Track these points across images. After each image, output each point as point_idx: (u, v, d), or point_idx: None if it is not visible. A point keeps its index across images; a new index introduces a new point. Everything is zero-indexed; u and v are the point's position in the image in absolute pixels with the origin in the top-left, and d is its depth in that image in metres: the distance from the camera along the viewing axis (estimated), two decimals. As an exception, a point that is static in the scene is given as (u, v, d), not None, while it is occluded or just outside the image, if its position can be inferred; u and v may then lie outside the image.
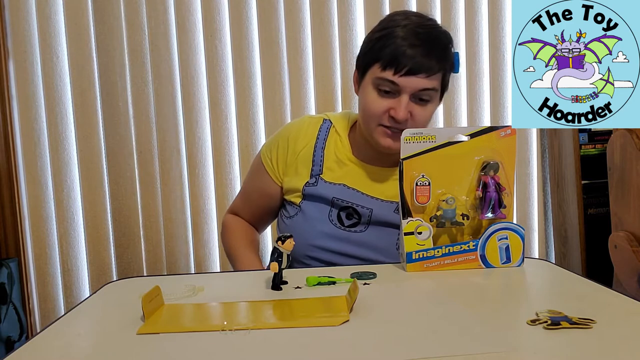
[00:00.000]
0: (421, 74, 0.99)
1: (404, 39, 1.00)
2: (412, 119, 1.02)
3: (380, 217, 1.08)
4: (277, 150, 1.16)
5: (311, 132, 1.15)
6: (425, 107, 1.03)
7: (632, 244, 1.47)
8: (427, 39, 1.01)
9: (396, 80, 0.99)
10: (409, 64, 0.98)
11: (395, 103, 1.01)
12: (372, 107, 1.04)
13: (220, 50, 1.77)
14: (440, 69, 1.02)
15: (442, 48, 1.03)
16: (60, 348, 0.63)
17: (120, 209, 1.79)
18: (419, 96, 1.01)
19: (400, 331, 0.63)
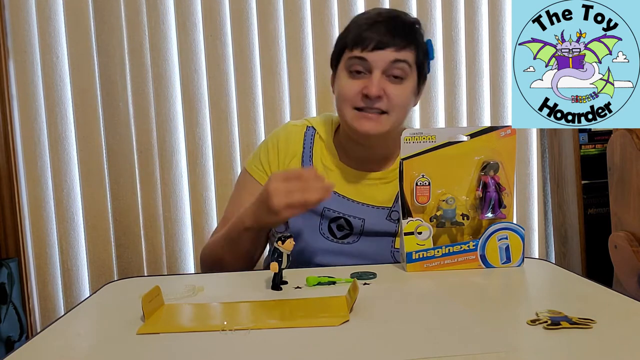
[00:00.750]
0: (389, 47, 0.99)
1: (367, 21, 1.02)
2: (387, 97, 1.00)
3: (372, 226, 1.07)
4: (267, 156, 1.13)
5: (298, 140, 1.13)
6: (400, 86, 1.01)
7: (632, 244, 1.47)
8: (390, 17, 1.03)
9: (365, 55, 0.99)
10: (375, 38, 0.99)
11: (368, 81, 1.00)
12: (345, 90, 1.02)
13: (220, 50, 1.77)
14: (408, 44, 1.00)
15: (408, 25, 1.03)
16: (60, 348, 0.63)
17: (120, 208, 1.79)
18: (391, 72, 1.00)
19: (400, 331, 0.63)
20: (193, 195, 1.80)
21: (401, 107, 1.02)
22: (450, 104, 1.86)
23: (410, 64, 1.01)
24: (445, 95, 1.86)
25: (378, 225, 1.06)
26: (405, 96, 1.03)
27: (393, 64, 0.99)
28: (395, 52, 0.99)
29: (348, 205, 1.07)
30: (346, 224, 1.07)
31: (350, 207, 1.07)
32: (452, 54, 1.84)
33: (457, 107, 1.87)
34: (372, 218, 1.06)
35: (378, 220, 1.06)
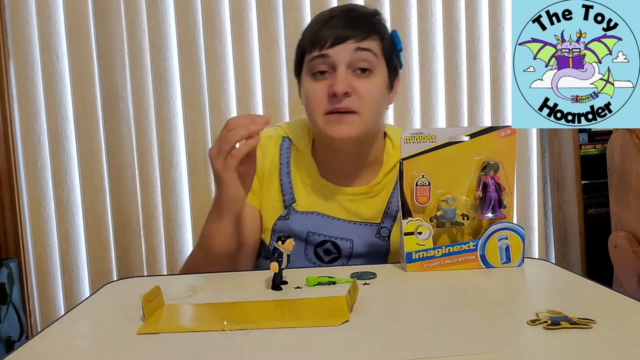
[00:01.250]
0: (349, 39, 0.92)
1: (321, 19, 0.96)
2: (356, 94, 0.93)
3: (362, 247, 1.00)
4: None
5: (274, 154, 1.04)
6: (369, 79, 0.94)
7: (632, 244, 1.47)
8: (345, 10, 0.97)
9: (325, 52, 0.92)
10: (332, 34, 0.92)
11: (333, 80, 0.92)
12: (310, 94, 0.95)
13: (220, 50, 1.77)
14: (369, 34, 0.94)
15: (366, 16, 0.96)
16: (60, 348, 0.63)
17: (120, 208, 1.79)
18: (357, 65, 0.93)
19: (400, 331, 0.63)
20: (193, 195, 1.80)
21: (372, 104, 0.95)
22: (451, 104, 1.86)
23: (375, 53, 0.94)
24: (445, 95, 1.86)
25: (368, 246, 1.00)
26: (376, 91, 0.95)
27: (357, 54, 0.92)
28: (356, 42, 0.92)
29: (333, 225, 1.00)
30: (333, 247, 1.00)
31: (336, 227, 1.00)
32: (452, 54, 1.84)
33: (457, 107, 1.87)
34: (361, 237, 1.00)
35: (367, 239, 1.00)
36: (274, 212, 1.02)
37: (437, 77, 1.86)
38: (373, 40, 0.95)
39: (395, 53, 1.00)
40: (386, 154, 1.05)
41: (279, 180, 1.02)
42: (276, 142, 1.05)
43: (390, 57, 0.99)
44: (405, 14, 1.81)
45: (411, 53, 1.83)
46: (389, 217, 1.02)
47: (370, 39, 0.94)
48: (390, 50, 0.99)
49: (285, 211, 1.01)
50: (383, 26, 0.98)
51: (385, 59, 0.97)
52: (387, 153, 1.05)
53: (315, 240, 1.00)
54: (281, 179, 1.02)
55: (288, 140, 1.05)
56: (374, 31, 0.95)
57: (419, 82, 1.85)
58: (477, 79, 1.87)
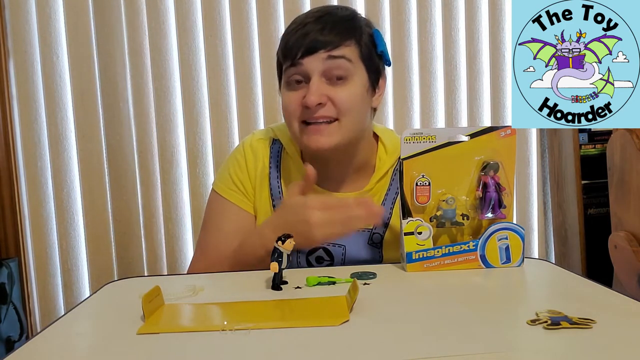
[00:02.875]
0: (323, 48, 0.89)
1: (295, 26, 0.92)
2: (332, 102, 0.90)
3: (354, 254, 0.98)
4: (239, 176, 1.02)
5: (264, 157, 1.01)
6: (345, 87, 0.91)
7: (632, 244, 1.47)
8: (320, 15, 0.92)
9: (297, 62, 0.89)
10: (304, 42, 0.89)
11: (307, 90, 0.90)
12: (285, 104, 0.93)
13: (220, 50, 1.77)
14: (343, 40, 0.90)
15: (339, 21, 0.92)
16: (60, 348, 0.64)
17: (120, 209, 1.79)
18: (331, 74, 0.90)
19: (400, 331, 0.63)
20: (193, 195, 1.80)
21: (351, 110, 0.92)
22: (450, 104, 1.86)
23: (349, 58, 0.91)
24: (445, 95, 1.86)
25: (360, 253, 0.98)
26: (354, 97, 0.92)
27: (329, 62, 0.89)
28: (328, 52, 0.89)
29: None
30: (326, 254, 0.98)
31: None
32: (452, 54, 1.84)
33: (457, 107, 1.87)
34: (353, 244, 0.98)
35: (359, 246, 0.98)
36: (265, 216, 1.00)
37: (437, 77, 1.86)
38: (347, 47, 0.91)
39: (376, 54, 0.96)
40: (378, 160, 1.03)
41: (269, 185, 1.01)
42: (266, 144, 1.03)
43: (369, 60, 0.95)
44: (405, 14, 1.82)
45: (411, 53, 1.83)
46: (381, 224, 1.00)
47: (343, 46, 0.91)
48: (369, 53, 0.95)
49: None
50: (359, 29, 0.94)
51: (363, 63, 0.94)
52: (379, 158, 1.03)
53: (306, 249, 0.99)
54: (270, 183, 1.01)
55: (279, 143, 1.03)
56: (348, 37, 0.92)
57: (418, 82, 1.85)
58: (477, 79, 1.87)
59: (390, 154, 1.02)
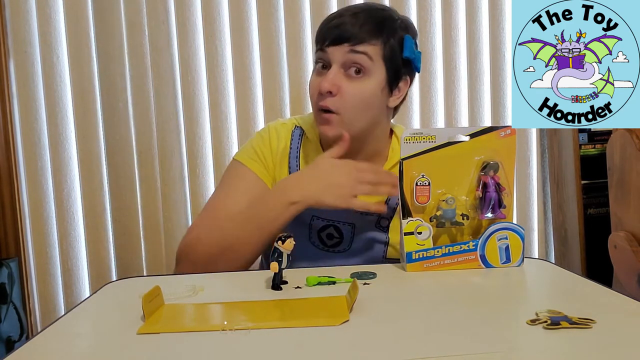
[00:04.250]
0: (348, 42, 0.94)
1: (334, 15, 0.99)
2: (340, 95, 0.95)
3: (362, 234, 1.02)
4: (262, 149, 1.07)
5: (285, 139, 1.07)
6: (359, 81, 0.96)
7: (632, 244, 1.47)
8: (356, 12, 0.97)
9: (323, 48, 0.96)
10: (334, 32, 0.95)
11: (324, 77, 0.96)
12: (310, 86, 1.00)
13: (220, 51, 1.77)
14: (371, 37, 0.95)
15: (375, 19, 0.96)
16: (60, 348, 0.64)
17: (120, 209, 1.79)
18: (350, 65, 0.95)
19: (400, 331, 0.63)
20: (193, 195, 1.80)
21: (355, 106, 0.96)
22: (450, 104, 1.86)
23: (371, 57, 0.95)
24: (445, 95, 1.86)
25: (368, 233, 1.03)
26: (364, 93, 0.96)
27: (350, 56, 0.94)
28: (351, 46, 0.94)
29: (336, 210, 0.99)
30: (336, 231, 1.03)
31: (339, 212, 0.99)
32: (452, 54, 1.84)
33: (457, 107, 1.87)
34: (362, 224, 1.02)
35: (367, 227, 1.03)
36: None
37: (436, 77, 1.86)
38: (371, 45, 0.96)
39: (401, 57, 0.99)
40: (391, 150, 1.08)
41: (288, 164, 1.06)
42: (289, 128, 1.09)
43: (391, 61, 0.98)
44: (405, 14, 1.81)
45: (411, 53, 1.83)
46: (389, 209, 1.03)
47: (368, 43, 0.95)
48: (393, 55, 0.98)
49: None
50: (391, 31, 0.97)
51: (384, 63, 0.98)
52: (392, 149, 1.08)
53: (318, 225, 1.03)
54: (290, 163, 1.06)
55: (300, 129, 1.09)
56: (377, 35, 0.95)
57: (418, 82, 1.85)
58: (477, 79, 1.87)
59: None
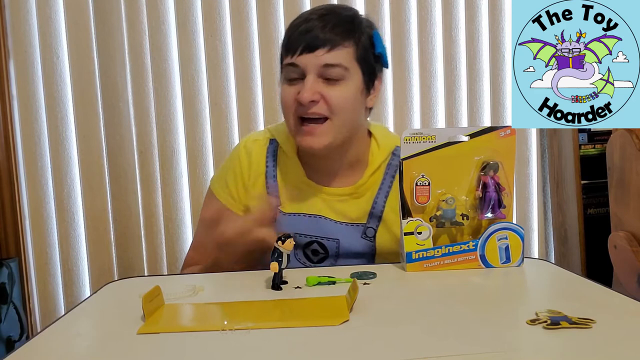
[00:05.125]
0: (319, 48, 0.91)
1: (298, 22, 0.95)
2: (325, 101, 0.92)
3: (347, 248, 1.00)
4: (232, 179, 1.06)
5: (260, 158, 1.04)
6: (338, 87, 0.93)
7: (632, 244, 1.47)
8: (323, 14, 0.95)
9: (294, 61, 0.92)
10: (302, 41, 0.92)
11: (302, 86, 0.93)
12: (283, 98, 0.96)
13: (220, 50, 1.77)
14: (342, 41, 0.92)
15: (344, 20, 0.94)
16: (60, 348, 0.64)
17: (120, 209, 1.79)
18: (326, 75, 0.92)
19: (400, 331, 0.63)
20: (193, 195, 1.80)
21: (343, 109, 0.94)
22: (450, 104, 1.86)
23: (345, 65, 0.93)
24: (445, 95, 1.86)
25: (354, 246, 1.00)
26: (347, 97, 0.94)
27: (325, 69, 0.92)
28: (326, 54, 0.91)
29: (320, 225, 1.00)
30: (320, 247, 1.00)
31: (323, 227, 1.00)
32: (452, 54, 1.84)
33: (457, 107, 1.87)
34: (347, 237, 1.00)
35: (353, 239, 1.00)
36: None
37: (437, 77, 1.86)
38: (344, 48, 0.93)
39: (373, 55, 0.98)
40: (371, 155, 1.04)
41: (265, 183, 1.03)
42: (263, 145, 1.06)
43: (365, 61, 0.97)
44: (405, 14, 1.82)
45: (411, 53, 1.83)
46: (374, 218, 1.02)
47: (341, 47, 0.93)
48: (366, 54, 0.97)
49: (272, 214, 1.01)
50: (359, 30, 0.96)
51: (359, 64, 0.96)
52: (371, 153, 1.05)
53: (302, 242, 1.01)
54: (267, 181, 1.03)
55: (275, 142, 1.06)
56: (347, 37, 0.93)
57: (418, 82, 1.85)
58: (477, 79, 1.87)
59: (382, 149, 1.04)
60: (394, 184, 1.02)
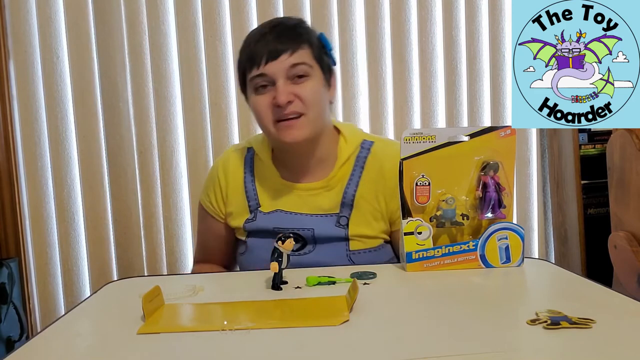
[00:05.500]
0: (282, 55, 1.00)
1: (254, 38, 1.04)
2: (299, 99, 1.01)
3: (323, 234, 1.07)
4: (213, 192, 1.17)
5: (237, 166, 1.15)
6: (307, 84, 1.02)
7: (632, 244, 1.47)
8: (273, 25, 1.05)
9: (263, 71, 1.00)
10: (264, 52, 1.00)
11: (275, 92, 1.01)
12: (257, 107, 1.04)
13: (220, 50, 1.77)
14: (299, 44, 1.02)
15: (291, 28, 1.04)
16: (60, 348, 0.64)
17: (120, 209, 1.79)
18: (294, 75, 1.01)
19: (400, 331, 0.63)
20: (193, 195, 1.80)
21: (315, 103, 1.03)
22: (450, 104, 1.86)
23: (308, 63, 1.02)
24: (445, 95, 1.86)
25: (328, 232, 1.07)
26: (316, 91, 1.03)
27: (292, 69, 1.01)
28: (289, 57, 1.00)
29: (296, 219, 1.08)
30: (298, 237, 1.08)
31: (299, 220, 1.08)
32: (452, 54, 1.84)
33: (457, 107, 1.86)
34: (321, 227, 1.07)
35: (327, 228, 1.07)
36: (241, 217, 1.12)
37: (437, 77, 1.86)
38: (303, 50, 1.02)
39: (326, 53, 1.08)
40: (339, 149, 1.12)
41: (244, 188, 1.13)
42: (241, 154, 1.17)
43: (322, 59, 1.06)
44: (405, 14, 1.82)
45: (411, 53, 1.84)
46: (346, 207, 1.08)
47: (301, 49, 1.02)
48: (320, 53, 1.06)
49: (252, 214, 1.11)
50: (309, 33, 1.06)
51: (318, 63, 1.05)
52: (340, 148, 1.12)
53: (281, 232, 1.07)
54: (246, 186, 1.13)
55: (252, 150, 1.16)
56: (302, 41, 1.03)
57: (419, 82, 1.85)
58: (477, 79, 1.87)
59: (350, 143, 1.11)
60: (363, 174, 1.09)
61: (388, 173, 1.05)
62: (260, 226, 1.09)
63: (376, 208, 1.07)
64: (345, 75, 1.81)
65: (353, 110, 1.82)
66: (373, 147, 1.11)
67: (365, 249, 1.06)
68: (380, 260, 1.06)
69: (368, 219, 1.07)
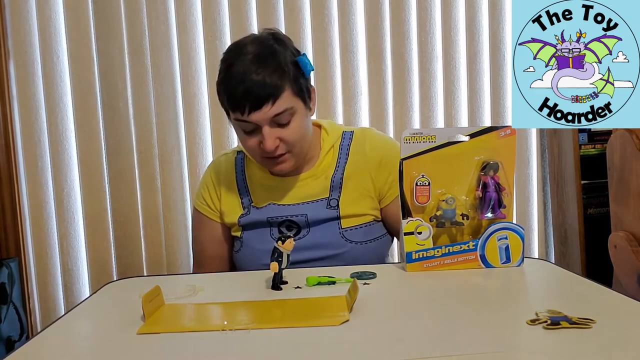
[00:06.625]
0: (264, 105, 0.99)
1: (235, 79, 1.00)
2: (284, 142, 1.04)
3: (316, 217, 1.12)
4: (208, 194, 1.20)
5: (229, 169, 1.20)
6: (291, 125, 1.04)
7: (632, 244, 1.47)
8: (252, 58, 1.01)
9: (247, 119, 1.01)
10: (247, 102, 0.99)
11: (261, 136, 1.03)
12: (246, 146, 1.09)
13: (220, 50, 1.77)
14: (280, 87, 1.00)
15: (275, 67, 1.01)
16: (60, 348, 0.64)
17: (120, 209, 1.79)
18: (277, 122, 1.02)
19: (400, 331, 0.63)
20: (193, 195, 1.80)
21: (300, 138, 1.06)
22: (450, 104, 1.86)
23: (290, 107, 1.02)
24: (445, 95, 1.86)
25: (321, 214, 1.12)
26: (300, 127, 1.06)
27: (275, 118, 1.02)
28: (273, 107, 1.00)
29: (289, 209, 1.13)
30: (292, 223, 1.14)
31: (292, 209, 1.13)
32: (452, 53, 1.84)
33: (457, 107, 1.86)
34: (314, 211, 1.12)
35: (319, 211, 1.12)
36: (235, 214, 1.16)
37: (436, 77, 1.86)
38: (284, 92, 1.01)
39: (304, 78, 1.07)
40: (322, 141, 1.17)
41: (237, 187, 1.18)
42: (231, 157, 1.22)
43: (301, 90, 1.05)
44: (405, 14, 1.81)
45: (411, 53, 1.83)
46: (335, 189, 1.13)
47: (282, 94, 1.00)
48: (299, 84, 1.05)
49: (246, 210, 1.15)
50: (286, 66, 1.02)
51: (298, 96, 1.04)
52: (323, 140, 1.18)
53: (275, 221, 1.13)
54: (238, 185, 1.18)
55: (242, 153, 1.21)
56: (282, 81, 1.01)
57: (418, 82, 1.85)
58: (477, 79, 1.86)
59: (332, 134, 1.18)
60: (348, 160, 1.14)
61: (370, 152, 1.14)
62: (254, 219, 1.13)
63: (364, 187, 1.13)
64: (345, 76, 1.81)
65: (353, 110, 1.82)
66: (354, 135, 1.17)
67: (357, 225, 1.11)
68: (373, 235, 1.12)
69: (356, 197, 1.12)
